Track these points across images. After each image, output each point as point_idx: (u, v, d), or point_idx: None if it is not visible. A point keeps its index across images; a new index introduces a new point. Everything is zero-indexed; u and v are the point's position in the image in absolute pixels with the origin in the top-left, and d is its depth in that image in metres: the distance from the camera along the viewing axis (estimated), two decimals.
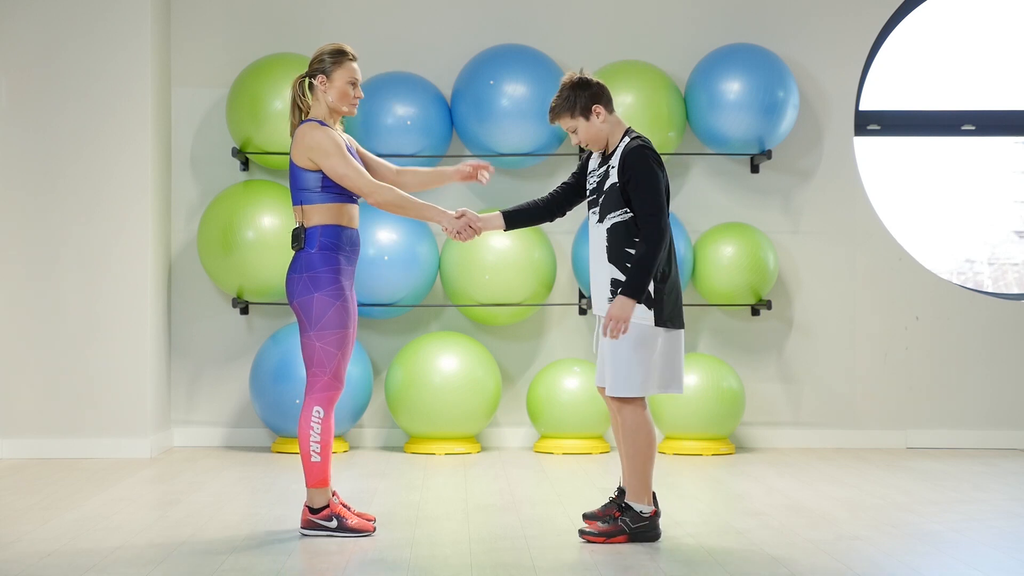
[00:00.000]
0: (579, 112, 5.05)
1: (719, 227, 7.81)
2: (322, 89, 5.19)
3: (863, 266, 8.14)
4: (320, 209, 5.12)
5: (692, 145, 8.05)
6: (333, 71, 5.19)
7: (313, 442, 5.09)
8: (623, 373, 5.02)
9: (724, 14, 8.11)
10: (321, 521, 5.11)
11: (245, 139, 7.67)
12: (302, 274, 5.12)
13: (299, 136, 5.13)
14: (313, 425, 5.09)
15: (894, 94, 8.52)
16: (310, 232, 5.13)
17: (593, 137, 5.09)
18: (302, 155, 5.12)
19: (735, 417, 7.64)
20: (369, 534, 5.13)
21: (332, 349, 5.11)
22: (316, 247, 5.11)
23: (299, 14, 8.01)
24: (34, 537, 5.08)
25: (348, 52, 5.22)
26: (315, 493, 5.12)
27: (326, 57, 5.20)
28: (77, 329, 7.43)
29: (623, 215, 5.01)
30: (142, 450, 7.41)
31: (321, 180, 5.12)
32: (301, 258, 5.14)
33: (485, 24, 8.06)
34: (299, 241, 5.13)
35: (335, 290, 5.11)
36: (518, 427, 8.03)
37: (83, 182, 7.45)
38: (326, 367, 5.11)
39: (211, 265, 7.63)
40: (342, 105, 5.20)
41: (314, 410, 5.10)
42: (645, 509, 5.05)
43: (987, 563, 4.72)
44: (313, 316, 5.09)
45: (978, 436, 8.11)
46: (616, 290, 5.00)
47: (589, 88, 5.06)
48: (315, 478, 5.11)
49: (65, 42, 7.44)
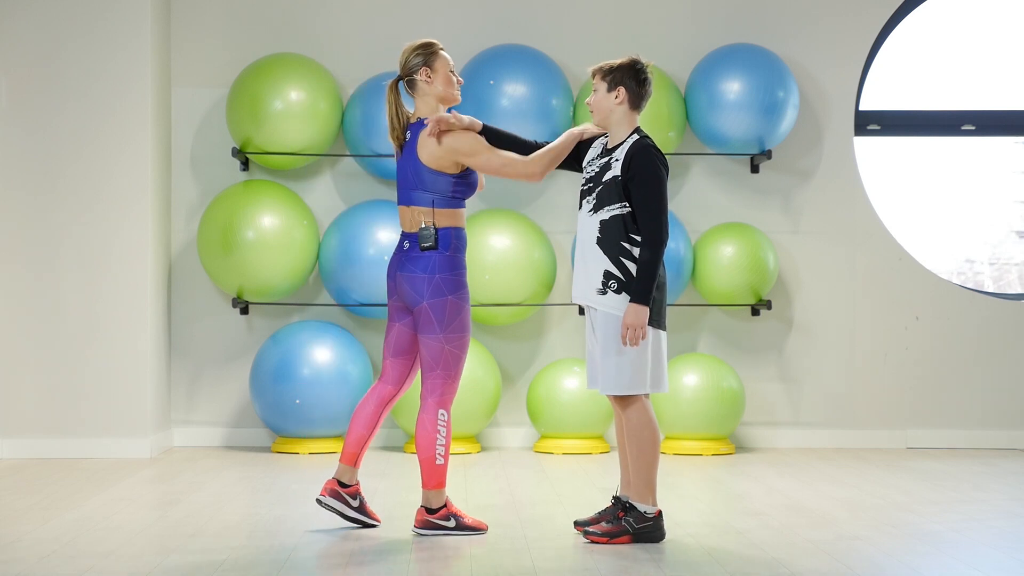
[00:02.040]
0: (610, 80, 5.12)
1: (719, 227, 7.81)
2: (428, 82, 5.19)
3: (863, 266, 8.14)
4: (450, 212, 5.15)
5: (692, 145, 8.05)
6: (433, 62, 5.21)
7: (439, 445, 5.14)
8: (614, 371, 5.04)
9: (724, 14, 8.11)
10: (439, 521, 5.18)
11: (245, 139, 7.67)
12: (434, 275, 5.12)
13: (432, 139, 5.12)
14: (440, 428, 5.14)
15: (894, 94, 8.52)
16: (443, 233, 5.14)
17: (600, 107, 5.14)
18: (438, 159, 5.12)
19: (735, 417, 7.64)
20: (484, 532, 5.20)
21: (458, 352, 5.16)
22: (450, 249, 5.14)
23: (299, 14, 8.01)
24: (34, 537, 5.08)
25: (436, 43, 5.25)
26: (435, 495, 5.18)
27: (419, 52, 5.21)
28: (77, 329, 7.43)
29: (621, 208, 5.03)
30: (142, 450, 7.41)
31: (454, 184, 5.14)
32: (432, 258, 5.14)
33: (485, 24, 8.06)
34: (432, 241, 5.13)
35: (464, 293, 5.17)
36: (518, 427, 8.03)
37: (83, 182, 7.45)
38: (451, 369, 5.16)
39: (211, 265, 7.63)
40: (452, 90, 5.22)
41: (439, 413, 5.15)
42: (649, 509, 5.05)
43: (987, 563, 4.72)
44: (445, 319, 5.11)
45: (978, 436, 8.11)
46: (607, 282, 5.03)
47: (635, 75, 5.12)
48: (438, 480, 5.16)
49: (65, 42, 7.44)
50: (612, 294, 5.04)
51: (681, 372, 7.60)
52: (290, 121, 7.56)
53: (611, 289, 5.04)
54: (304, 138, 7.63)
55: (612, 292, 5.04)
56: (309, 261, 7.67)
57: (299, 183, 7.94)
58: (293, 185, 7.91)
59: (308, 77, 7.63)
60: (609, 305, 5.05)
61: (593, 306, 5.10)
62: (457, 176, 5.16)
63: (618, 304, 5.03)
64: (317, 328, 7.61)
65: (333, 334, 7.58)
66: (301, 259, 7.60)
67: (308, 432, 7.54)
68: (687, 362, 7.65)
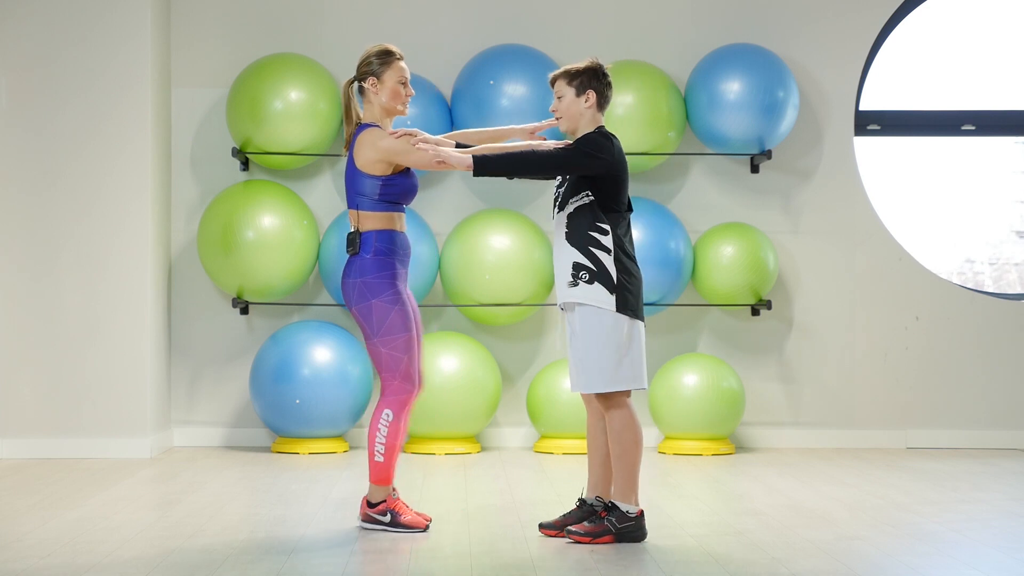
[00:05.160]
0: (578, 84, 5.12)
1: (719, 227, 7.81)
2: (373, 91, 5.21)
3: (863, 266, 8.14)
4: (377, 216, 5.16)
5: (692, 145, 8.05)
6: (383, 72, 5.21)
7: (378, 443, 5.20)
8: (594, 368, 5.06)
9: (724, 14, 8.11)
10: (376, 515, 5.24)
11: (245, 139, 7.67)
12: (356, 279, 5.15)
13: (366, 142, 5.14)
14: (380, 427, 5.19)
15: (894, 94, 8.52)
16: (365, 237, 5.16)
17: (570, 112, 5.14)
18: (370, 161, 5.12)
19: (735, 417, 7.63)
20: (421, 531, 5.22)
21: (398, 354, 5.17)
22: (371, 252, 5.15)
23: (299, 14, 8.01)
24: (34, 537, 5.08)
25: (395, 52, 5.25)
26: (375, 489, 5.25)
27: (373, 59, 5.22)
28: (77, 329, 7.43)
29: (584, 198, 5.06)
30: (142, 450, 7.41)
31: (380, 188, 5.14)
32: (355, 263, 5.17)
33: (485, 24, 8.06)
34: (354, 246, 5.17)
35: (392, 295, 5.16)
36: (518, 427, 8.03)
37: (83, 182, 7.45)
38: (394, 371, 5.18)
39: (211, 265, 7.63)
40: (396, 104, 5.23)
41: (383, 412, 5.20)
42: (632, 509, 5.07)
43: (987, 563, 4.72)
44: (374, 323, 5.14)
45: (978, 436, 8.11)
46: (578, 274, 5.05)
47: (599, 78, 5.14)
48: (377, 476, 5.23)
49: (65, 42, 7.44)
50: (584, 284, 5.05)
51: (681, 372, 7.60)
52: (290, 121, 7.56)
53: (582, 280, 5.05)
54: (304, 138, 7.63)
55: (584, 283, 5.05)
56: (309, 261, 7.67)
57: (299, 183, 7.94)
58: (293, 185, 7.91)
59: (308, 77, 7.63)
60: (581, 296, 5.05)
61: (566, 300, 5.10)
62: (385, 179, 5.14)
63: (590, 294, 5.03)
64: (317, 328, 7.61)
65: (333, 334, 7.58)
66: (301, 259, 7.60)
67: (308, 432, 7.54)
68: (687, 362, 7.65)
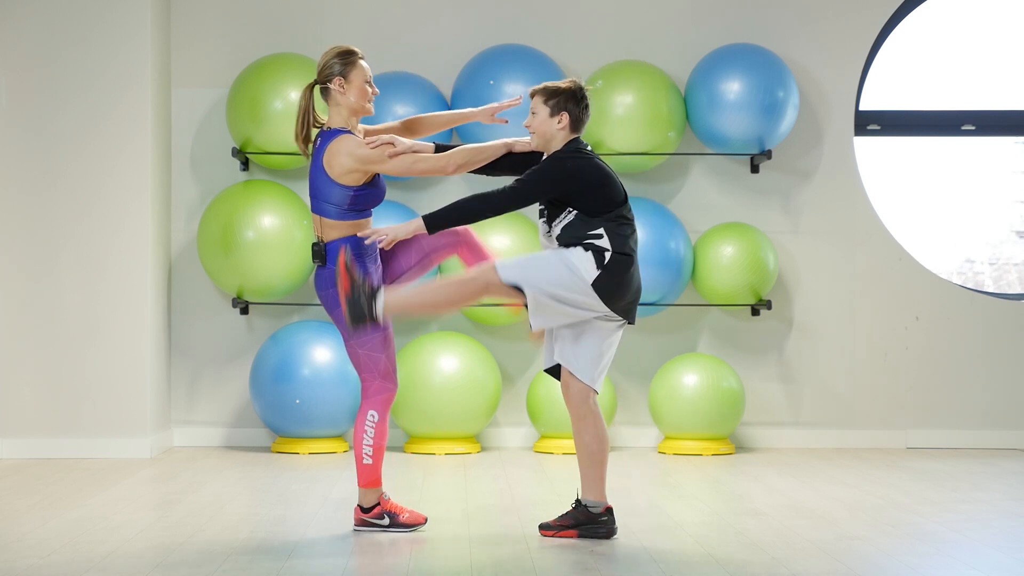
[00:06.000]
0: (553, 104, 5.10)
1: (719, 227, 7.81)
2: (341, 92, 5.17)
3: (863, 266, 8.14)
4: (340, 224, 5.14)
5: (692, 145, 8.05)
6: (348, 72, 5.18)
7: (366, 445, 5.19)
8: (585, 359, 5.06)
9: (724, 14, 8.11)
10: (373, 519, 5.22)
11: (245, 139, 7.67)
12: (329, 290, 5.15)
13: (341, 151, 5.08)
14: (367, 428, 5.19)
15: (894, 94, 8.52)
16: (331, 247, 5.15)
17: (542, 131, 5.13)
18: (345, 170, 5.09)
19: (735, 417, 7.63)
20: (423, 526, 5.24)
21: (376, 353, 5.18)
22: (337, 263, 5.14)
23: (299, 14, 8.01)
24: (34, 537, 5.08)
25: (356, 51, 5.24)
26: (366, 493, 5.23)
27: (336, 60, 5.19)
28: (77, 329, 7.43)
29: (568, 215, 5.05)
30: (142, 450, 7.41)
31: (350, 199, 5.11)
32: (324, 275, 5.16)
33: (485, 24, 8.06)
34: (321, 258, 5.15)
35: None
36: (518, 427, 8.03)
37: (83, 182, 7.45)
38: (374, 371, 5.19)
39: (211, 265, 7.63)
40: (365, 103, 5.20)
41: (369, 414, 5.20)
42: (597, 505, 5.10)
43: (987, 563, 4.72)
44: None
45: (978, 436, 8.10)
46: (585, 242, 5.02)
47: (576, 102, 5.12)
48: (366, 479, 5.21)
49: (65, 42, 7.44)
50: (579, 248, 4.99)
51: (681, 372, 7.60)
52: (290, 121, 7.54)
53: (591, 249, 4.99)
54: None
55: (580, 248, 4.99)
56: (309, 261, 7.67)
57: (299, 183, 7.94)
58: (293, 185, 7.91)
59: (308, 77, 7.59)
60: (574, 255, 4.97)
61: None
62: (356, 189, 5.12)
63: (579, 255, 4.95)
64: (317, 328, 7.61)
65: (333, 334, 7.57)
66: (301, 259, 7.60)
67: (308, 432, 7.54)
68: (687, 362, 7.65)
